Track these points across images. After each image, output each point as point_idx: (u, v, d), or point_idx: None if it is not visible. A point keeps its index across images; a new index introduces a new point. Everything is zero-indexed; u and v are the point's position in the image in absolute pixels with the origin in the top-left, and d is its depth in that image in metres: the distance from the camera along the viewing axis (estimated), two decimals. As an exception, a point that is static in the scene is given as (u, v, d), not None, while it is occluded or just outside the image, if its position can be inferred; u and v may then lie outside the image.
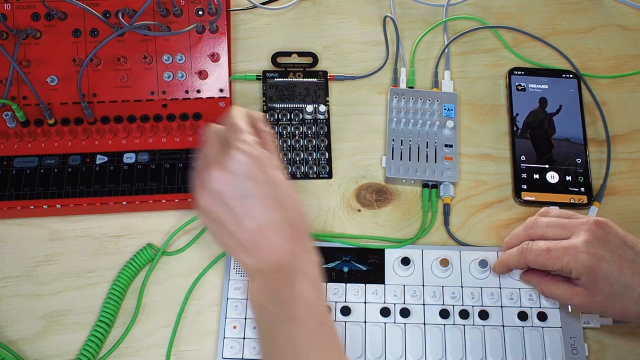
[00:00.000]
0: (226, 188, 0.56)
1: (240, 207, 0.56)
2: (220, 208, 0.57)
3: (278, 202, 0.57)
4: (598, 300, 0.58)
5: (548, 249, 0.60)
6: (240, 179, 0.56)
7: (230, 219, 0.56)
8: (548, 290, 0.62)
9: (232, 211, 0.56)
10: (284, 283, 0.56)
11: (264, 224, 0.56)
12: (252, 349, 0.63)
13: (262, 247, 0.56)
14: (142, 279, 0.67)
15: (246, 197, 0.56)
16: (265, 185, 0.57)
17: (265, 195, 0.56)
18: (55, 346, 0.64)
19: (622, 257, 0.58)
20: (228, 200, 0.56)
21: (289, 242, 0.57)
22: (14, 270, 0.68)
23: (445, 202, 0.71)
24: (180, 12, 0.73)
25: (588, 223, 0.60)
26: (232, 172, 0.56)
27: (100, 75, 0.73)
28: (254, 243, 0.56)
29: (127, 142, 0.71)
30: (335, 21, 0.82)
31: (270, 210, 0.56)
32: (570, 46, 0.81)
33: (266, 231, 0.56)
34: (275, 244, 0.56)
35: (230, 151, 0.57)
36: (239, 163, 0.56)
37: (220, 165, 0.56)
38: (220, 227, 0.58)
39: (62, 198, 0.68)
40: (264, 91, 0.76)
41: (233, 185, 0.56)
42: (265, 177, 0.57)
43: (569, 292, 0.60)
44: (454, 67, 0.80)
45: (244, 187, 0.56)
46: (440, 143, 0.73)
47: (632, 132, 0.77)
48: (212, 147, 0.59)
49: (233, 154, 0.56)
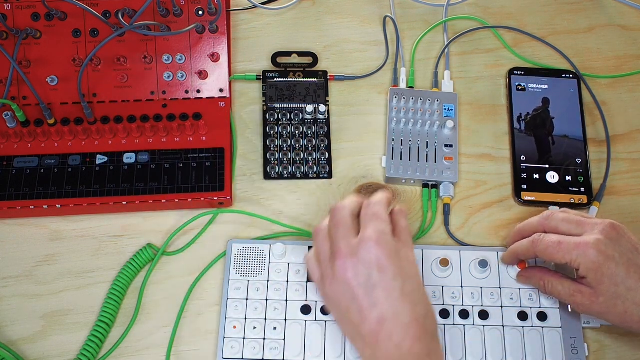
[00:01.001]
0: (354, 277, 0.56)
1: (365, 297, 0.55)
2: (347, 297, 0.56)
3: (405, 296, 0.55)
4: (601, 301, 0.58)
5: (559, 241, 0.60)
6: (369, 268, 0.56)
7: (355, 310, 0.56)
8: (550, 286, 0.62)
9: (357, 301, 0.55)
10: None
11: (387, 315, 0.55)
12: (252, 349, 0.63)
13: (381, 340, 0.54)
14: (142, 279, 0.67)
15: (373, 287, 0.55)
16: (393, 276, 0.56)
17: (392, 287, 0.55)
18: (55, 346, 0.64)
19: (631, 261, 0.58)
20: (355, 289, 0.56)
21: (411, 341, 0.54)
22: (14, 270, 0.68)
23: (445, 202, 0.71)
24: (180, 12, 0.73)
25: (603, 224, 0.60)
26: (363, 260, 0.56)
27: (100, 75, 0.73)
28: (374, 335, 0.55)
29: (127, 142, 0.71)
30: (335, 21, 0.82)
31: (394, 302, 0.55)
32: (570, 46, 0.81)
33: (387, 324, 0.54)
34: (396, 339, 0.54)
35: (364, 237, 0.57)
36: (370, 251, 0.56)
37: (352, 254, 0.56)
38: (343, 316, 0.57)
39: (62, 198, 0.68)
40: (264, 91, 0.76)
41: (361, 275, 0.56)
42: (395, 268, 0.56)
43: (572, 289, 0.60)
44: (454, 67, 0.80)
45: (372, 277, 0.55)
46: (440, 143, 0.73)
47: (632, 132, 0.77)
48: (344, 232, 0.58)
49: (366, 242, 0.56)
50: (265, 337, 0.64)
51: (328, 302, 0.60)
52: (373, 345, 0.55)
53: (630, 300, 0.57)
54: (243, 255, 0.67)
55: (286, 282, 0.66)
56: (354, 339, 0.58)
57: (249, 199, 0.72)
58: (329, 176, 0.73)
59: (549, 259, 0.61)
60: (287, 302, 0.65)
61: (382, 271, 0.56)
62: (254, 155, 0.74)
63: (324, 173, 0.73)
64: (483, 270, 0.66)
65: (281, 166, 0.73)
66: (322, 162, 0.73)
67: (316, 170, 0.73)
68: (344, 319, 0.58)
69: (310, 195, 0.72)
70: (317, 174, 0.73)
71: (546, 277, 0.63)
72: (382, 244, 0.56)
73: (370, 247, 0.56)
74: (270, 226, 0.70)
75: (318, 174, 0.73)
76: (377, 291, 0.55)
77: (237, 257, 0.67)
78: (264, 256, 0.67)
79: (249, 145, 0.74)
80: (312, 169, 0.73)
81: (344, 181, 0.73)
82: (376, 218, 0.58)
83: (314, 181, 0.73)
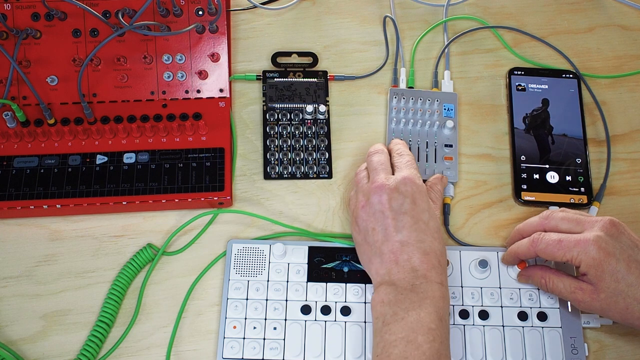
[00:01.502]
0: (389, 201, 0.62)
1: (393, 220, 0.61)
2: (376, 218, 0.62)
3: (429, 229, 0.62)
4: (602, 298, 0.58)
5: (560, 240, 0.60)
6: (404, 197, 0.62)
7: (381, 229, 0.62)
8: (551, 283, 0.62)
9: (385, 222, 0.61)
10: (411, 304, 0.57)
11: (409, 240, 0.60)
12: (252, 349, 0.63)
13: (400, 261, 0.60)
14: (142, 279, 0.67)
15: (403, 213, 0.61)
16: (422, 210, 0.62)
17: (420, 218, 0.62)
18: (55, 346, 0.64)
19: (631, 257, 0.58)
20: (386, 211, 0.62)
21: (427, 267, 0.59)
22: (14, 270, 0.68)
23: (445, 202, 0.71)
24: (180, 12, 0.73)
25: (603, 221, 0.60)
26: (399, 190, 0.63)
27: (100, 75, 0.73)
28: (393, 254, 0.60)
29: (127, 142, 0.71)
30: (335, 21, 0.82)
31: (419, 232, 0.61)
32: (570, 46, 0.81)
33: (408, 247, 0.60)
34: (414, 262, 0.59)
35: (402, 174, 0.64)
36: (407, 185, 0.63)
37: (390, 184, 0.63)
38: (367, 237, 0.63)
39: (62, 198, 0.68)
40: (264, 91, 0.76)
41: (395, 200, 0.62)
42: (424, 204, 0.63)
43: (573, 287, 0.60)
44: (454, 67, 0.80)
45: (405, 205, 0.62)
46: (440, 143, 0.73)
47: (632, 132, 0.77)
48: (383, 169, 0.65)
49: (404, 176, 0.64)
50: (265, 337, 0.64)
51: (356, 225, 0.64)
52: (391, 263, 0.60)
53: (632, 296, 0.57)
54: (243, 255, 0.67)
55: (286, 282, 0.66)
56: (370, 259, 0.62)
57: (249, 199, 0.72)
58: (329, 176, 0.73)
59: (549, 257, 0.61)
60: (287, 302, 0.65)
61: (414, 203, 0.62)
62: (254, 155, 0.74)
63: (324, 173, 0.73)
64: (483, 270, 0.66)
65: (281, 166, 0.73)
66: (322, 162, 0.73)
67: (316, 170, 0.73)
68: (367, 239, 0.63)
69: (310, 195, 0.72)
70: (317, 174, 0.73)
71: (547, 275, 0.63)
72: (417, 183, 0.64)
73: (407, 182, 0.63)
74: (270, 226, 0.70)
75: (318, 174, 0.73)
76: (406, 217, 0.61)
77: (237, 257, 0.67)
78: (264, 256, 0.67)
79: (249, 145, 0.74)
80: (312, 169, 0.73)
81: (344, 181, 0.73)
82: (411, 165, 0.66)
83: (314, 181, 0.73)
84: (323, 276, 0.67)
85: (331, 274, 0.67)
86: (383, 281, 0.60)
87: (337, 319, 0.65)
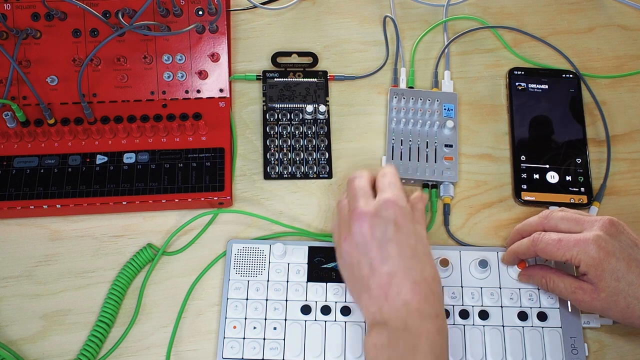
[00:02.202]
0: (370, 230, 0.57)
1: (378, 250, 0.57)
2: (360, 250, 0.58)
3: (417, 255, 0.57)
4: (602, 297, 0.58)
5: (559, 239, 0.60)
6: (386, 223, 0.57)
7: (366, 262, 0.57)
8: (552, 283, 0.62)
9: (370, 254, 0.57)
10: (405, 346, 0.54)
11: (397, 270, 0.56)
12: (252, 349, 0.63)
13: (390, 295, 0.55)
14: (142, 279, 0.67)
15: (387, 241, 0.57)
16: (407, 235, 0.58)
17: (406, 244, 0.57)
18: (55, 346, 0.64)
19: (631, 256, 0.58)
20: (369, 242, 0.57)
21: (419, 298, 0.55)
22: (14, 270, 0.68)
23: (445, 202, 0.71)
24: (180, 12, 0.73)
25: (602, 220, 0.60)
26: (381, 215, 0.58)
27: (100, 75, 0.73)
28: (382, 289, 0.56)
29: (127, 142, 0.71)
30: (335, 21, 0.82)
31: (406, 259, 0.57)
32: (570, 46, 0.81)
33: (397, 278, 0.56)
34: (404, 295, 0.55)
35: (383, 197, 0.59)
36: (388, 209, 0.58)
37: (369, 211, 0.58)
38: (354, 271, 0.58)
39: (62, 198, 0.68)
40: (264, 91, 0.76)
41: (377, 228, 0.57)
42: (409, 227, 0.58)
43: (573, 286, 0.60)
44: (454, 67, 0.80)
45: (387, 231, 0.57)
46: (440, 143, 0.73)
47: (632, 132, 0.77)
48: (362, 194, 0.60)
49: (385, 200, 0.58)
50: (265, 337, 0.64)
51: (341, 259, 0.61)
52: (380, 299, 0.56)
53: (632, 295, 0.57)
54: (243, 255, 0.67)
55: (286, 282, 0.66)
56: (359, 295, 0.59)
57: (249, 199, 0.72)
58: (329, 176, 0.73)
59: (549, 257, 0.61)
60: (287, 302, 0.65)
61: (397, 228, 0.57)
62: (254, 155, 0.74)
63: (324, 173, 0.73)
64: (483, 270, 0.66)
65: (281, 166, 0.73)
66: (322, 162, 0.73)
67: (316, 170, 0.73)
68: (354, 274, 0.59)
69: (310, 195, 0.72)
70: (317, 174, 0.73)
71: (547, 275, 0.63)
72: (400, 205, 0.58)
73: (389, 205, 0.58)
74: (270, 226, 0.70)
75: (318, 174, 0.73)
76: (391, 245, 0.57)
77: (237, 257, 0.67)
78: (264, 256, 0.67)
79: (249, 145, 0.74)
80: (312, 169, 0.73)
81: (344, 181, 0.73)
82: (394, 185, 0.60)
83: (314, 181, 0.73)
84: (323, 276, 0.67)
85: (331, 274, 0.67)
86: (375, 321, 0.56)
87: (337, 319, 0.65)
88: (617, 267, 0.57)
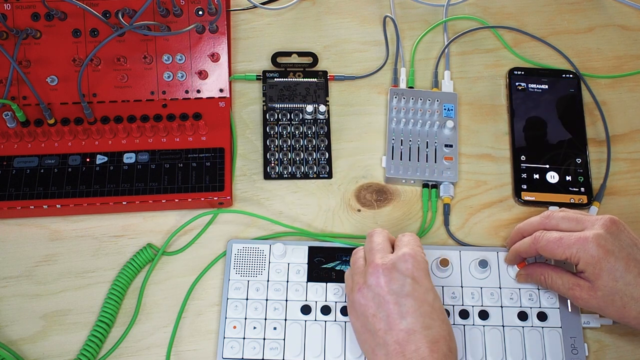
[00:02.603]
0: (387, 283, 0.56)
1: (395, 304, 0.56)
2: (375, 303, 0.57)
3: (435, 311, 0.56)
4: (599, 296, 0.58)
5: (560, 237, 0.60)
6: (404, 277, 0.57)
7: (382, 316, 0.56)
8: (550, 279, 0.62)
9: (387, 307, 0.56)
10: None
11: (416, 328, 0.55)
12: (252, 349, 0.63)
13: (407, 353, 0.54)
14: (142, 279, 0.67)
15: (405, 296, 0.56)
16: (425, 291, 0.57)
17: (424, 299, 0.56)
18: (55, 346, 0.64)
19: (630, 256, 0.58)
20: (385, 294, 0.56)
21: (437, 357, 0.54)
22: (14, 270, 0.68)
23: (445, 202, 0.71)
24: (180, 12, 0.73)
25: (603, 219, 0.60)
26: (398, 269, 0.57)
27: (100, 75, 0.73)
28: (400, 346, 0.54)
29: (127, 142, 0.71)
30: (335, 21, 0.82)
31: (426, 317, 0.55)
32: (570, 46, 0.81)
33: (415, 335, 0.54)
34: (422, 353, 0.54)
35: (401, 251, 0.58)
36: (408, 262, 0.57)
37: (387, 264, 0.57)
38: (367, 324, 0.57)
39: (62, 198, 0.68)
40: (264, 91, 0.76)
41: (395, 281, 0.57)
42: (429, 283, 0.58)
43: (570, 282, 0.60)
44: (454, 67, 0.80)
45: (406, 286, 0.56)
46: (440, 143, 0.73)
47: (632, 132, 0.77)
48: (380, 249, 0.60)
49: (403, 253, 0.58)
50: (265, 337, 0.64)
51: (353, 310, 0.59)
52: (398, 355, 0.54)
53: (629, 295, 0.57)
54: (243, 255, 0.67)
55: (286, 282, 0.66)
56: (373, 350, 0.57)
57: (249, 199, 0.72)
58: (329, 176, 0.73)
59: (549, 255, 0.61)
60: (287, 302, 0.65)
61: (416, 282, 0.57)
62: (254, 155, 0.74)
63: (324, 173, 0.73)
64: (483, 270, 0.66)
65: (281, 166, 0.73)
66: (322, 162, 0.73)
67: (316, 170, 0.73)
68: (367, 327, 0.57)
69: (310, 195, 0.72)
70: (317, 174, 0.73)
71: (546, 272, 0.63)
72: (418, 260, 0.58)
73: (407, 259, 0.58)
74: (270, 226, 0.70)
75: (318, 174, 0.73)
76: (409, 300, 0.56)
77: (237, 257, 0.67)
78: (264, 256, 0.67)
79: (249, 145, 0.74)
80: (312, 169, 0.73)
81: (344, 181, 0.73)
82: (413, 242, 0.60)
83: (314, 181, 0.73)
84: (323, 276, 0.67)
85: (331, 274, 0.67)
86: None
87: (337, 319, 0.65)
88: (615, 266, 0.58)
